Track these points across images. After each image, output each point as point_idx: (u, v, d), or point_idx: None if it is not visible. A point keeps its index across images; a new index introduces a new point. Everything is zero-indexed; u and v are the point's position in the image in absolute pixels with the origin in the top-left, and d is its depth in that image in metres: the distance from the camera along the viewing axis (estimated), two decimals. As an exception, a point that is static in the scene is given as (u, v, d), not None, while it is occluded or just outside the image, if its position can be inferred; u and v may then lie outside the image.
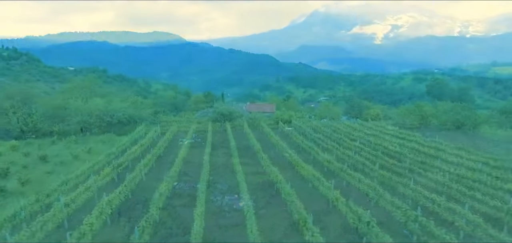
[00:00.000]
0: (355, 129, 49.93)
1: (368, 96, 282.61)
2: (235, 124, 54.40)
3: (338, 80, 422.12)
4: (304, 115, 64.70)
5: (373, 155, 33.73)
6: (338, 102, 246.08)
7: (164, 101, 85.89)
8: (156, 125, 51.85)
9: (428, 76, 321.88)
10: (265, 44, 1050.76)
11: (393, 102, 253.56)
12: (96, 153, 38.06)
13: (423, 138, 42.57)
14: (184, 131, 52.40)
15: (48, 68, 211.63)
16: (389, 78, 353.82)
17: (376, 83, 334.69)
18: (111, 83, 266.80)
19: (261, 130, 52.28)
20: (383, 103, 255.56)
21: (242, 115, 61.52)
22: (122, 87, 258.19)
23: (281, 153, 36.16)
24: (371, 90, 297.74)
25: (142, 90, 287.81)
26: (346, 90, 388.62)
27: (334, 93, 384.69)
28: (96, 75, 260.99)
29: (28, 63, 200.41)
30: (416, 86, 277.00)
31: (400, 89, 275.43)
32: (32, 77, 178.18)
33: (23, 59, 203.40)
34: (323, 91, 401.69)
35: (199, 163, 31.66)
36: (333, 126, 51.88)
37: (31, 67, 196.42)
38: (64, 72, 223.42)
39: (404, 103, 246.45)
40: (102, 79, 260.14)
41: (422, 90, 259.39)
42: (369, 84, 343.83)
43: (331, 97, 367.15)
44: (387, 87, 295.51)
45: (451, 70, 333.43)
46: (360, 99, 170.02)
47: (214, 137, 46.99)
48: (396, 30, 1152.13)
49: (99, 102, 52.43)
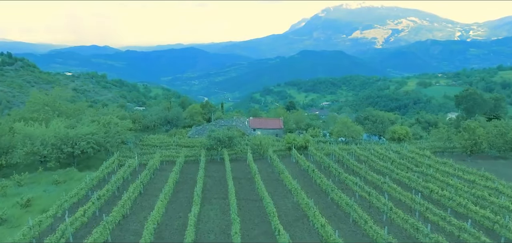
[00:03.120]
0: (400, 162, 37.71)
1: (372, 101, 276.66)
2: (236, 150, 43.07)
3: (340, 84, 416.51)
4: (318, 133, 55.28)
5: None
6: (342, 107, 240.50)
7: (155, 114, 75.60)
8: (135, 153, 41.23)
9: (433, 80, 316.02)
10: (266, 49, 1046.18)
11: (398, 108, 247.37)
12: (37, 207, 26.51)
13: None
14: (169, 161, 41.30)
15: (43, 74, 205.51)
16: (392, 82, 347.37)
17: (379, 87, 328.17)
18: (110, 88, 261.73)
19: (269, 163, 40.82)
20: (388, 108, 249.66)
21: (243, 133, 52.14)
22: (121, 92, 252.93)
23: (312, 223, 23.71)
24: (375, 95, 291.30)
25: (142, 95, 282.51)
26: (348, 95, 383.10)
27: (336, 98, 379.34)
28: (94, 81, 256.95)
29: (23, 69, 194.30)
30: (422, 91, 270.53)
31: (404, 94, 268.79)
32: (26, 84, 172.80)
33: (18, 65, 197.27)
34: (325, 95, 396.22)
35: (180, 230, 23.47)
36: (364, 155, 40.31)
37: (26, 72, 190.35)
38: (61, 78, 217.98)
39: (410, 109, 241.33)
40: (100, 84, 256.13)
41: (428, 95, 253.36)
42: (372, 88, 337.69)
43: (333, 102, 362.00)
44: (390, 92, 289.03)
45: (456, 75, 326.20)
46: (376, 109, 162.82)
47: (207, 177, 35.67)
48: (397, 34, 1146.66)
49: (57, 126, 39.84)
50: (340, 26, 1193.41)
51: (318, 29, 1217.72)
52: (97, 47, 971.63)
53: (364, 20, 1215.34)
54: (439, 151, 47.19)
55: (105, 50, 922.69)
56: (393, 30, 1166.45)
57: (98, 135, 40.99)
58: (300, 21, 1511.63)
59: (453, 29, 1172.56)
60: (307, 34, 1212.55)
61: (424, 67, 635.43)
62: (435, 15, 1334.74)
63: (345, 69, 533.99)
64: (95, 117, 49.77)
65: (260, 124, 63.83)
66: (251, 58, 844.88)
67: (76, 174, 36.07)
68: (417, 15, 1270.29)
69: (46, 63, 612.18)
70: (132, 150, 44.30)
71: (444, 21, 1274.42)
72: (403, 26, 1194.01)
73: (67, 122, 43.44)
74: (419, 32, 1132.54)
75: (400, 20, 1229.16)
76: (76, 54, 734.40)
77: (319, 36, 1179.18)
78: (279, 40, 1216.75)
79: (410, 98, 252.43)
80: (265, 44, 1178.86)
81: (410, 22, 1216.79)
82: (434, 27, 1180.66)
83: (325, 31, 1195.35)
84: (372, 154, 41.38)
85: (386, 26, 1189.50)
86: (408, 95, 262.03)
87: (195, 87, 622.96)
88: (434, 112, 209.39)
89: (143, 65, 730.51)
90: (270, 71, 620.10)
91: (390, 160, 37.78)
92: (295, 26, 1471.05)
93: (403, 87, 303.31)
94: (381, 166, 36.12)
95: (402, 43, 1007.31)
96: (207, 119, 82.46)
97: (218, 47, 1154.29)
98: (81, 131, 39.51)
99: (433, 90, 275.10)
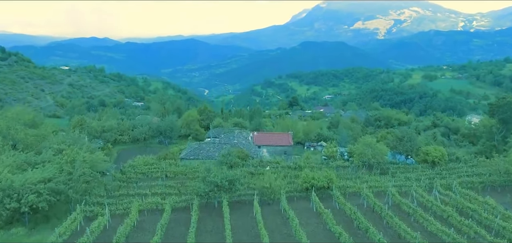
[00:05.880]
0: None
1: (376, 95, 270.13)
2: (239, 194, 33.19)
3: (342, 77, 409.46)
4: (336, 153, 46.13)
5: None
6: (347, 103, 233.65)
7: (146, 125, 67.35)
8: (105, 204, 30.01)
9: (438, 73, 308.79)
10: (266, 40, 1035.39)
11: (403, 102, 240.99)
12: None
13: None
14: (151, 213, 30.53)
15: (38, 69, 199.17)
16: (395, 74, 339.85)
17: (383, 80, 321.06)
18: (107, 82, 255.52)
19: (282, 213, 30.50)
20: (393, 102, 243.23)
21: (247, 155, 43.54)
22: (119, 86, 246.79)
23: None
24: (379, 88, 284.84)
25: (140, 89, 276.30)
26: (351, 88, 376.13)
27: (339, 91, 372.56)
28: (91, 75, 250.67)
29: (17, 64, 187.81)
30: (427, 84, 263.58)
31: (409, 88, 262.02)
32: (20, 79, 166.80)
33: (12, 60, 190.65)
34: (327, 88, 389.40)
35: None
36: (407, 205, 29.11)
37: (20, 68, 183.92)
38: (56, 73, 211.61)
39: (416, 103, 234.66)
40: (98, 79, 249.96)
41: (434, 88, 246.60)
42: (376, 81, 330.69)
43: (336, 95, 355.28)
44: (395, 85, 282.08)
45: (462, 68, 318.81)
46: (384, 107, 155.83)
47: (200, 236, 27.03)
48: (399, 24, 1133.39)
49: (0, 171, 28.98)
50: (342, 16, 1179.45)
51: (320, 20, 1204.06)
52: (96, 39, 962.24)
53: (366, 10, 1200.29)
54: (493, 185, 37.91)
55: (105, 42, 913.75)
56: (396, 21, 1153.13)
57: (58, 180, 29.83)
58: (301, 12, 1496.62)
59: (456, 19, 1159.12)
60: (308, 25, 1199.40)
61: (427, 58, 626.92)
62: (438, 5, 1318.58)
63: (347, 61, 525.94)
64: (63, 145, 37.66)
65: (266, 141, 53.52)
66: (251, 49, 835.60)
67: (23, 238, 26.65)
68: (420, 5, 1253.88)
69: (46, 55, 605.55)
70: (103, 195, 33.46)
71: (447, 11, 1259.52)
72: (405, 16, 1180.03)
73: (21, 158, 32.74)
74: (421, 22, 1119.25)
75: (402, 11, 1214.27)
76: (76, 46, 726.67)
77: (321, 27, 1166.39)
78: (280, 31, 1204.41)
79: (416, 92, 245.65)
80: (266, 35, 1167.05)
81: (412, 12, 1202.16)
82: (437, 17, 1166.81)
83: (326, 22, 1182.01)
84: (417, 196, 30.62)
85: (389, 16, 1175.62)
86: (413, 89, 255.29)
87: (195, 79, 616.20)
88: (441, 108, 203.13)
89: (143, 57, 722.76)
90: (271, 62, 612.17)
91: (447, 214, 26.81)
92: (296, 16, 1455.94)
93: (407, 80, 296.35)
94: (438, 230, 24.93)
95: (405, 33, 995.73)
96: (206, 126, 76.05)
97: (218, 38, 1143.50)
98: (32, 178, 28.24)
99: (439, 83, 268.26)
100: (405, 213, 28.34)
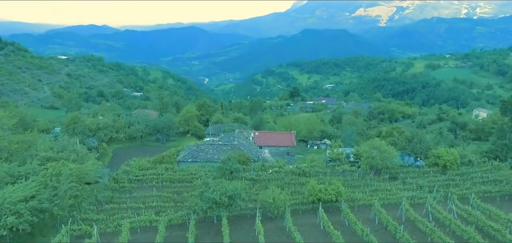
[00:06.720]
0: None
1: (378, 84, 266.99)
2: (239, 209, 30.04)
3: (343, 65, 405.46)
4: (341, 155, 43.33)
5: None
6: (350, 93, 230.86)
7: (143, 123, 64.53)
8: (94, 225, 25.56)
9: (441, 61, 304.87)
10: (267, 27, 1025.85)
11: (405, 91, 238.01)
12: None
13: None
14: (145, 230, 27.87)
15: (35, 58, 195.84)
16: (398, 63, 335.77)
17: (385, 69, 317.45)
18: (106, 72, 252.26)
19: (287, 232, 27.29)
20: (395, 92, 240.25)
21: (248, 158, 40.99)
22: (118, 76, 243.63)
23: None
24: (381, 77, 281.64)
25: (140, 79, 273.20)
26: (352, 76, 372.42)
27: (340, 80, 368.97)
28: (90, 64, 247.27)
29: (13, 54, 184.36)
30: (430, 73, 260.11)
31: (412, 77, 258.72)
32: (17, 70, 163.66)
33: (8, 49, 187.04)
34: (329, 77, 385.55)
35: None
36: (424, 223, 25.86)
37: (17, 57, 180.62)
38: (54, 63, 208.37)
39: (418, 92, 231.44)
40: (96, 68, 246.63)
41: (437, 78, 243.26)
42: (377, 70, 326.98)
43: (338, 84, 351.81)
44: (397, 74, 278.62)
45: (465, 56, 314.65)
46: (387, 98, 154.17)
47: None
48: (401, 11, 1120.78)
49: None
50: (343, 3, 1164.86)
51: (321, 7, 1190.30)
52: (95, 26, 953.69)
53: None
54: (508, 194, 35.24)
55: (104, 29, 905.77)
56: (398, 7, 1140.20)
57: (42, 197, 26.09)
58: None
59: (459, 6, 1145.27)
60: (310, 12, 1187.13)
61: (429, 46, 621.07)
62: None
63: (349, 49, 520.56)
64: (51, 153, 34.33)
65: (267, 141, 50.68)
66: (252, 37, 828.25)
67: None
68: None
69: (44, 44, 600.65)
70: (93, 208, 30.37)
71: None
72: (408, 3, 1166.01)
73: (3, 169, 29.07)
74: (424, 9, 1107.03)
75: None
76: (75, 35, 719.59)
77: (322, 14, 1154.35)
78: (281, 19, 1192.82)
79: (419, 82, 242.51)
80: (266, 22, 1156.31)
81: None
82: (439, 4, 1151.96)
83: (328, 9, 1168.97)
84: (432, 211, 27.67)
85: (391, 3, 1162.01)
86: (416, 78, 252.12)
87: (195, 68, 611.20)
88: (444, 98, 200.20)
89: (142, 46, 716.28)
90: (271, 50, 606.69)
91: (468, 235, 23.57)
92: (297, 3, 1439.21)
93: (410, 69, 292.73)
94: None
95: (407, 21, 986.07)
96: (205, 121, 73.59)
97: (218, 26, 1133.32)
98: (12, 197, 24.41)
99: (442, 72, 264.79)
100: (421, 232, 25.92)
